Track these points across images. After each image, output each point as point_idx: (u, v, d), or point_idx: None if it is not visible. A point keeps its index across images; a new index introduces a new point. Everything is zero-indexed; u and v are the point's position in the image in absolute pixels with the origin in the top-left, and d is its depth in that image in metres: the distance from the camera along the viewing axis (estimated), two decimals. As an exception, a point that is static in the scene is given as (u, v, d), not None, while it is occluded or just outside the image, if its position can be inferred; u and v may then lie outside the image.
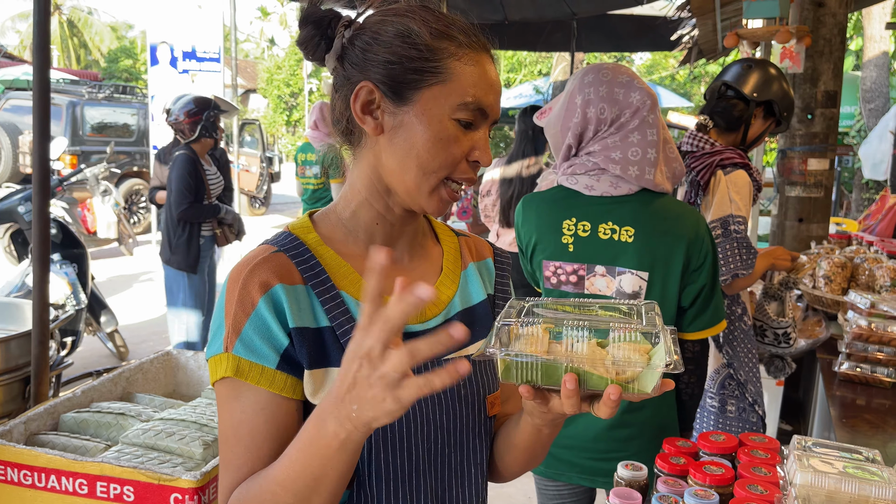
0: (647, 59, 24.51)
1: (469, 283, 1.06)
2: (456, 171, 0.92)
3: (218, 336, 0.89)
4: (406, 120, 0.90)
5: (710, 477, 1.44)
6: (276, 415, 0.87)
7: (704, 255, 1.74)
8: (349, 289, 0.93)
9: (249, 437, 0.87)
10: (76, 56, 30.72)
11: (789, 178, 3.49)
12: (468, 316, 1.02)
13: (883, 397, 2.27)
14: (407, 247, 1.01)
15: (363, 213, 0.97)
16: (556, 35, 8.05)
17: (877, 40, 10.39)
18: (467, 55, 0.91)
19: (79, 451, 1.82)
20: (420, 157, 0.90)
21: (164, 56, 9.56)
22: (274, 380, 0.87)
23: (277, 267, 0.89)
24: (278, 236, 0.96)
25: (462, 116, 0.90)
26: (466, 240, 1.12)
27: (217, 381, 0.89)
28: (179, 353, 2.50)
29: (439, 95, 0.89)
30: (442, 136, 0.89)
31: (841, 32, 3.43)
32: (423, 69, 0.89)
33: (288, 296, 0.88)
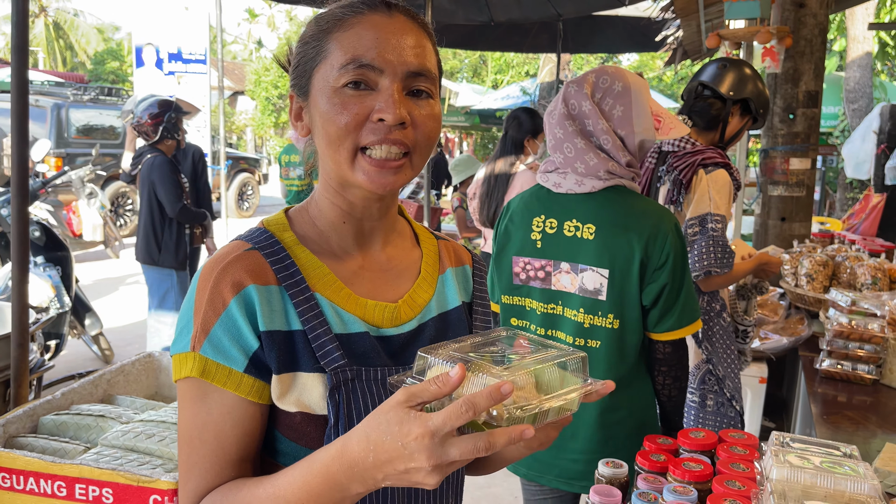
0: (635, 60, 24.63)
1: (446, 287, 1.04)
2: (360, 136, 0.86)
3: (185, 334, 0.87)
4: (311, 108, 0.90)
5: (689, 473, 1.45)
6: (242, 419, 0.86)
7: (666, 254, 1.71)
8: (324, 291, 0.91)
9: (216, 440, 0.85)
10: (62, 58, 30.51)
11: (772, 177, 3.52)
12: (443, 321, 1.01)
13: (864, 394, 2.29)
14: (381, 246, 0.99)
15: (330, 213, 0.96)
16: (543, 36, 8.07)
17: (860, 41, 10.48)
18: (346, 22, 0.88)
19: (58, 453, 1.81)
20: (325, 134, 0.88)
21: (150, 58, 9.52)
22: (241, 383, 0.85)
23: (251, 265, 0.87)
24: (253, 232, 0.94)
25: (347, 80, 0.86)
26: (446, 244, 1.10)
27: (180, 379, 0.87)
28: (161, 355, 2.48)
29: (324, 71, 0.88)
30: (334, 105, 0.86)
31: (822, 33, 3.46)
32: (310, 56, 0.90)
33: (260, 296, 0.86)
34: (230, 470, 0.86)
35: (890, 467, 1.62)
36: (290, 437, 0.88)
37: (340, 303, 0.91)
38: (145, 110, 4.14)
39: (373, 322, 0.93)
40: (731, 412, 2.42)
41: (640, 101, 1.73)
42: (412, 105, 0.88)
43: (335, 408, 0.86)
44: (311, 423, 0.87)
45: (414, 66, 0.87)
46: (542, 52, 10.86)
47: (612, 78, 1.75)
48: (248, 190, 14.01)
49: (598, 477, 1.50)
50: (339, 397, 0.86)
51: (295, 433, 0.88)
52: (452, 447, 0.69)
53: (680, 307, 1.75)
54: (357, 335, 0.90)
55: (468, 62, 22.99)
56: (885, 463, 1.64)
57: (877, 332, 2.36)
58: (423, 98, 0.89)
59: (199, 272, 0.88)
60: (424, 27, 0.93)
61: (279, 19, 34.85)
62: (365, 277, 0.95)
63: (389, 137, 0.86)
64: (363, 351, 0.90)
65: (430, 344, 0.90)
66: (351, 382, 0.87)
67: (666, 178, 2.49)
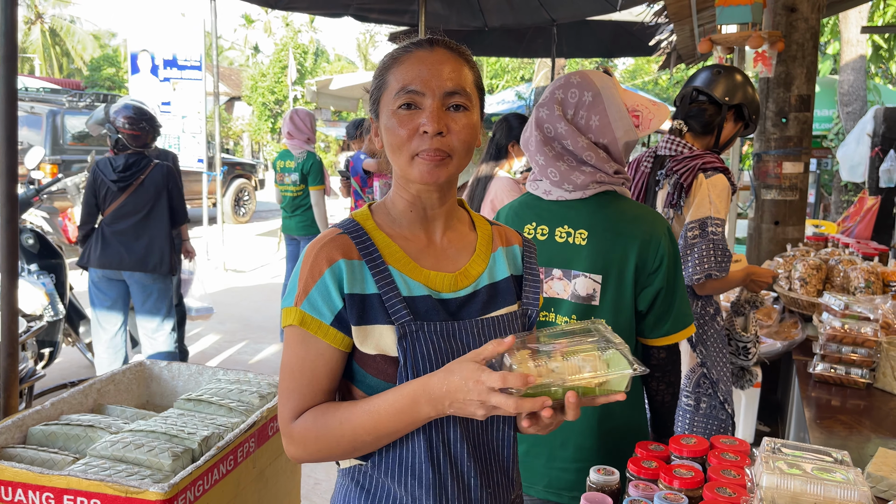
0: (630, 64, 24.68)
1: (497, 263, 1.28)
2: (413, 145, 1.13)
3: (292, 293, 1.14)
4: (381, 126, 1.18)
5: (680, 480, 1.44)
6: (330, 360, 1.14)
7: (661, 258, 1.70)
8: (395, 264, 1.17)
9: (311, 373, 1.13)
10: (58, 65, 30.50)
11: (765, 181, 3.52)
12: (493, 289, 1.25)
13: (857, 398, 2.28)
14: (442, 230, 1.24)
15: (400, 204, 1.22)
16: (538, 41, 8.09)
17: (854, 44, 10.51)
18: (399, 60, 1.16)
19: (46, 464, 1.80)
20: (390, 145, 1.16)
21: (145, 64, 9.51)
22: (328, 333, 1.12)
23: (342, 245, 1.15)
24: (345, 222, 1.21)
25: (400, 103, 1.13)
26: (499, 229, 1.34)
27: (286, 326, 1.15)
28: (153, 364, 2.48)
29: (386, 98, 1.16)
30: (393, 123, 1.14)
31: (814, 37, 3.46)
32: (377, 87, 1.19)
33: (347, 268, 1.13)
34: (321, 396, 1.14)
35: (883, 472, 1.62)
36: (372, 374, 1.15)
37: (408, 273, 1.17)
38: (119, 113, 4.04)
39: (434, 287, 1.18)
40: (723, 414, 2.42)
41: (613, 104, 1.71)
42: (450, 118, 1.13)
43: (403, 352, 1.12)
44: (388, 363, 1.13)
45: (449, 87, 1.12)
46: (537, 57, 10.88)
47: (579, 89, 1.72)
48: (244, 196, 13.98)
49: (589, 484, 1.49)
50: (406, 344, 1.12)
51: (375, 370, 1.14)
52: (493, 396, 0.99)
53: (675, 312, 1.74)
54: (421, 298, 1.16)
55: (464, 67, 22.98)
56: (878, 468, 1.64)
57: (870, 335, 2.36)
58: (460, 111, 1.14)
59: (306, 249, 1.17)
60: (461, 54, 1.17)
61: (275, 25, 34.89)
62: (429, 254, 1.21)
63: (432, 146, 1.11)
64: (426, 310, 1.15)
65: (482, 305, 1.20)
66: (415, 333, 1.12)
67: (665, 181, 2.50)
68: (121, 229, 4.02)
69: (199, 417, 2.03)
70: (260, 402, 2.21)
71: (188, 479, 1.68)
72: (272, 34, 34.63)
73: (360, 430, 1.09)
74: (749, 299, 2.57)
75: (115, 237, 4.01)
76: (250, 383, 2.34)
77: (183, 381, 2.45)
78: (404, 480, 1.16)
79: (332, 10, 6.28)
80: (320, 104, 14.35)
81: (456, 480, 1.17)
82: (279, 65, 24.70)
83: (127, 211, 4.03)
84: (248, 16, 36.14)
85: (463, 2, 6.33)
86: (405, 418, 1.07)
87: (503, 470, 1.25)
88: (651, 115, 1.73)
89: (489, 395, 0.99)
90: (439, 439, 1.16)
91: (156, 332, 4.15)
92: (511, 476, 1.27)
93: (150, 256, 4.04)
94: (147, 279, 4.05)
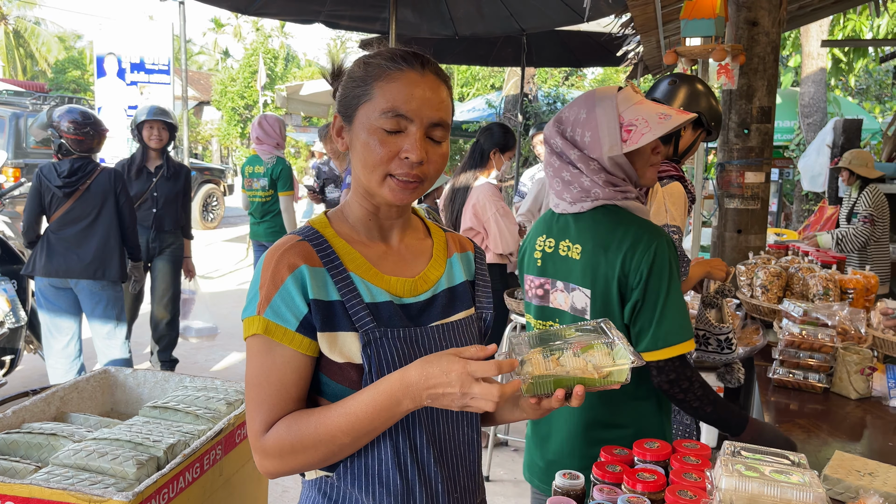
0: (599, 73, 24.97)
1: (453, 268, 1.31)
2: (391, 167, 1.13)
3: (253, 302, 1.13)
4: (354, 134, 1.16)
5: (643, 484, 1.47)
6: (298, 366, 1.12)
7: (642, 271, 1.67)
8: (357, 270, 1.17)
9: (279, 382, 1.11)
10: (22, 67, 29.87)
11: (728, 190, 3.59)
12: (451, 293, 1.27)
13: (815, 402, 2.33)
14: (399, 236, 1.26)
15: (359, 213, 1.22)
16: (507, 50, 8.14)
17: (814, 57, 10.78)
18: (389, 75, 1.13)
19: (7, 473, 1.77)
20: (363, 159, 1.14)
21: (112, 67, 9.37)
22: (293, 339, 1.11)
23: (303, 252, 1.14)
24: (303, 230, 1.21)
25: (384, 123, 1.12)
26: (452, 235, 1.37)
27: (249, 336, 1.13)
28: (118, 371, 2.44)
29: (368, 110, 1.14)
30: (373, 140, 1.12)
31: (774, 50, 3.55)
32: (357, 94, 1.16)
33: (310, 274, 1.12)
34: (291, 405, 1.12)
35: (839, 475, 1.66)
36: (337, 381, 1.14)
37: (370, 279, 1.18)
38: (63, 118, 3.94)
39: (395, 293, 1.19)
40: (687, 419, 2.46)
41: (605, 120, 1.72)
42: (429, 146, 1.14)
43: (368, 359, 1.12)
44: (353, 369, 1.13)
45: (435, 118, 1.14)
46: (507, 66, 10.96)
47: (578, 106, 1.77)
48: (212, 201, 13.82)
49: (554, 488, 1.51)
50: (370, 351, 1.12)
51: (341, 377, 1.14)
52: (475, 386, 1.01)
53: (655, 327, 1.68)
54: (383, 304, 1.17)
55: (435, 74, 23.04)
56: (835, 470, 1.68)
57: (827, 341, 2.42)
58: (438, 144, 1.16)
59: (264, 256, 1.15)
60: (446, 81, 1.18)
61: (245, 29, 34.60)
62: (388, 260, 1.23)
63: (411, 172, 1.13)
64: (388, 315, 1.16)
65: (441, 309, 1.23)
66: (379, 340, 1.13)
67: None
68: (67, 236, 3.92)
69: (165, 425, 2.01)
70: (227, 410, 2.20)
71: (153, 487, 1.67)
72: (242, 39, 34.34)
73: (337, 432, 1.08)
74: (718, 289, 2.58)
75: (61, 244, 3.91)
76: (217, 390, 2.32)
77: (149, 388, 2.42)
78: (371, 489, 1.16)
79: (302, 16, 6.26)
80: (290, 110, 14.27)
81: (424, 486, 1.18)
82: (249, 70, 24.49)
83: (73, 217, 3.93)
84: (218, 20, 35.80)
85: (434, 10, 6.36)
86: (384, 414, 1.07)
87: (469, 473, 1.27)
88: (647, 128, 1.73)
89: (471, 386, 1.01)
90: (406, 445, 1.17)
91: (108, 339, 4.06)
92: (477, 479, 1.29)
93: (97, 263, 3.93)
94: (95, 286, 3.94)
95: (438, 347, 1.19)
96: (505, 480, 3.67)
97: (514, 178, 8.89)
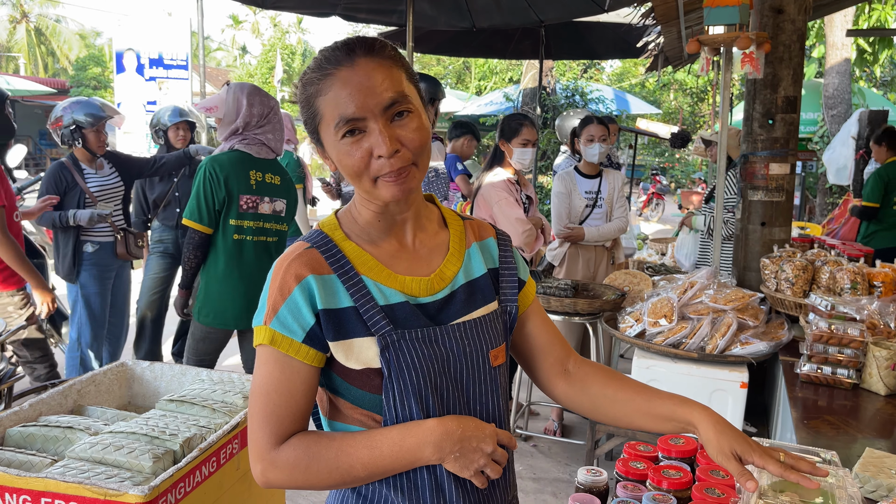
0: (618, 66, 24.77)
1: (472, 260, 1.25)
2: (371, 170, 1.09)
3: (262, 311, 1.12)
4: (328, 153, 1.14)
5: (668, 481, 1.43)
6: (307, 379, 1.10)
7: None
8: (369, 273, 1.14)
9: (288, 393, 1.09)
10: (43, 64, 30.22)
11: (752, 182, 3.52)
12: (470, 287, 1.22)
13: (844, 399, 2.28)
14: (412, 232, 1.21)
15: (366, 214, 1.18)
16: (525, 43, 8.08)
17: (839, 48, 10.60)
18: (322, 86, 1.09)
19: (24, 466, 1.76)
20: (346, 172, 1.12)
21: (131, 63, 9.43)
22: (300, 350, 1.09)
23: (310, 260, 1.11)
24: (311, 234, 1.18)
25: (342, 133, 1.08)
26: (471, 223, 1.31)
27: (258, 345, 1.12)
28: (135, 364, 2.44)
29: (324, 129, 1.11)
30: (342, 154, 1.10)
31: (800, 39, 3.47)
32: (309, 116, 1.13)
33: (318, 284, 1.10)
34: (300, 417, 1.11)
35: (870, 472, 1.61)
36: (357, 386, 1.12)
37: (383, 281, 1.14)
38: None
39: (411, 293, 1.15)
40: None
41: None
42: (398, 129, 1.08)
43: (387, 363, 1.09)
44: (374, 374, 1.11)
45: (384, 100, 1.07)
46: (525, 59, 10.89)
47: None
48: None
49: (577, 485, 1.47)
50: (389, 355, 1.09)
51: (361, 383, 1.11)
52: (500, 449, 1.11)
53: None
54: (398, 305, 1.13)
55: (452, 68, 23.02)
56: (865, 468, 1.63)
57: (856, 336, 2.36)
58: (405, 117, 1.09)
59: (274, 265, 1.14)
60: (384, 55, 1.10)
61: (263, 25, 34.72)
62: (402, 258, 1.18)
63: (393, 167, 1.08)
64: (404, 316, 1.13)
65: (461, 306, 1.18)
66: (397, 343, 1.10)
67: None
68: None
69: (182, 418, 2.00)
70: (244, 403, 2.18)
71: (169, 481, 1.65)
72: (260, 35, 34.48)
73: (356, 463, 1.07)
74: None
75: None
76: (234, 384, 2.31)
77: (166, 381, 2.41)
78: (401, 485, 1.14)
79: (319, 9, 6.25)
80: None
81: (455, 482, 1.15)
82: (267, 65, 24.60)
83: None
84: (236, 16, 35.95)
85: (451, 2, 6.31)
86: (407, 457, 1.07)
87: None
88: None
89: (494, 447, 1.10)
90: None
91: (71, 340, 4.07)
92: (507, 476, 1.25)
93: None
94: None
95: (460, 346, 1.15)
96: (524, 477, 3.63)
97: (533, 172, 8.83)
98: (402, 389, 1.10)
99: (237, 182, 3.03)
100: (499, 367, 1.22)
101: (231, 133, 3.12)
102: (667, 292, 3.12)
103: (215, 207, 3.01)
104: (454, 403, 1.16)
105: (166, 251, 4.66)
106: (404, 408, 1.11)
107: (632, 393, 1.27)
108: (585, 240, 4.18)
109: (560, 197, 4.24)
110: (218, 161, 3.03)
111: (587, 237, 4.17)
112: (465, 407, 1.17)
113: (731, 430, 1.15)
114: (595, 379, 1.32)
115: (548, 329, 1.35)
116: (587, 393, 1.31)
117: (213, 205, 3.00)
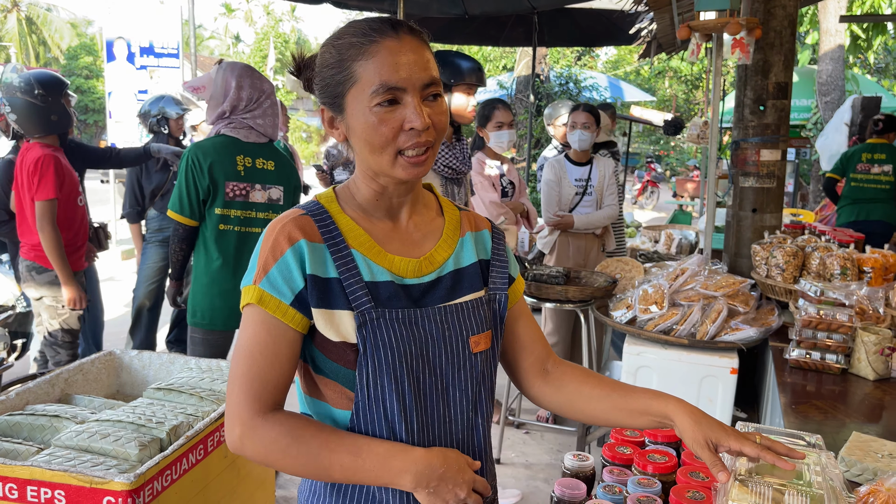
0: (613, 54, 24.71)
1: (464, 248, 1.26)
2: (398, 142, 1.09)
3: (251, 271, 1.12)
4: (349, 122, 1.13)
5: (654, 465, 1.44)
6: (292, 342, 1.11)
7: None
8: (359, 248, 1.15)
9: (273, 356, 1.09)
10: (35, 53, 29.99)
11: (743, 168, 3.51)
12: (458, 274, 1.23)
13: (832, 384, 2.29)
14: (408, 214, 1.22)
15: (366, 192, 1.19)
16: (518, 30, 8.03)
17: (832, 34, 10.57)
18: (366, 51, 1.09)
19: (10, 454, 1.75)
20: (367, 143, 1.10)
21: (121, 52, 9.35)
22: (286, 312, 1.09)
23: (304, 226, 1.12)
24: (308, 204, 1.19)
25: (379, 100, 1.08)
26: (467, 214, 1.33)
27: (245, 305, 1.12)
28: (123, 353, 2.43)
29: (357, 93, 1.10)
30: (373, 121, 1.08)
31: (791, 24, 3.45)
32: (339, 80, 1.11)
33: (309, 249, 1.11)
34: (283, 380, 1.11)
35: (856, 456, 1.62)
36: (334, 360, 1.12)
37: (372, 257, 1.15)
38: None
39: (398, 273, 1.16)
40: None
41: None
42: (429, 109, 1.10)
43: (363, 340, 1.10)
44: (350, 349, 1.11)
45: (426, 78, 1.10)
46: (519, 46, 10.84)
47: None
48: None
49: (563, 469, 1.48)
50: (365, 332, 1.10)
51: (337, 356, 1.12)
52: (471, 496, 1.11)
53: None
54: (384, 283, 1.14)
55: (446, 57, 22.89)
56: (852, 452, 1.64)
57: (845, 321, 2.37)
58: (437, 100, 1.12)
59: (267, 227, 1.15)
60: (422, 39, 1.13)
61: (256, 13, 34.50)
62: (395, 239, 1.19)
63: (420, 141, 1.09)
64: (388, 295, 1.13)
65: (446, 291, 1.18)
66: (375, 321, 1.10)
67: None
68: None
69: (169, 406, 1.99)
70: (232, 391, 2.17)
71: (155, 468, 1.65)
72: (253, 23, 34.26)
73: (336, 464, 1.07)
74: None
75: None
76: (222, 372, 2.30)
77: (154, 370, 2.41)
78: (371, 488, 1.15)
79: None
80: (301, 94, 14.22)
81: None
82: (260, 54, 24.48)
83: None
84: (228, 5, 35.69)
85: (443, -11, 6.27)
86: (385, 477, 1.08)
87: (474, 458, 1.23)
88: None
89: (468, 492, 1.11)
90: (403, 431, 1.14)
91: None
92: (485, 466, 1.26)
93: None
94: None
95: (439, 329, 1.16)
96: (516, 463, 3.65)
97: (526, 160, 8.81)
98: (377, 368, 1.10)
99: (222, 169, 2.81)
100: (480, 353, 1.21)
101: (218, 116, 2.92)
102: (658, 279, 3.12)
103: (199, 197, 2.80)
104: (430, 388, 1.16)
105: (165, 240, 4.63)
106: (377, 386, 1.11)
107: (608, 390, 1.28)
108: (575, 227, 4.18)
109: (550, 184, 4.23)
110: (201, 147, 2.82)
111: (577, 225, 4.17)
112: (442, 392, 1.17)
113: (706, 419, 1.15)
114: (571, 378, 1.33)
115: (531, 328, 1.35)
116: (563, 391, 1.32)
117: (196, 195, 2.79)
